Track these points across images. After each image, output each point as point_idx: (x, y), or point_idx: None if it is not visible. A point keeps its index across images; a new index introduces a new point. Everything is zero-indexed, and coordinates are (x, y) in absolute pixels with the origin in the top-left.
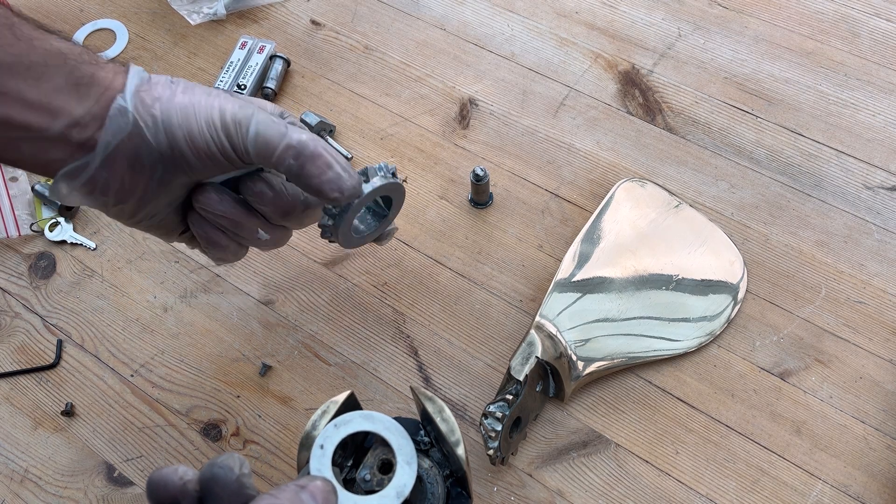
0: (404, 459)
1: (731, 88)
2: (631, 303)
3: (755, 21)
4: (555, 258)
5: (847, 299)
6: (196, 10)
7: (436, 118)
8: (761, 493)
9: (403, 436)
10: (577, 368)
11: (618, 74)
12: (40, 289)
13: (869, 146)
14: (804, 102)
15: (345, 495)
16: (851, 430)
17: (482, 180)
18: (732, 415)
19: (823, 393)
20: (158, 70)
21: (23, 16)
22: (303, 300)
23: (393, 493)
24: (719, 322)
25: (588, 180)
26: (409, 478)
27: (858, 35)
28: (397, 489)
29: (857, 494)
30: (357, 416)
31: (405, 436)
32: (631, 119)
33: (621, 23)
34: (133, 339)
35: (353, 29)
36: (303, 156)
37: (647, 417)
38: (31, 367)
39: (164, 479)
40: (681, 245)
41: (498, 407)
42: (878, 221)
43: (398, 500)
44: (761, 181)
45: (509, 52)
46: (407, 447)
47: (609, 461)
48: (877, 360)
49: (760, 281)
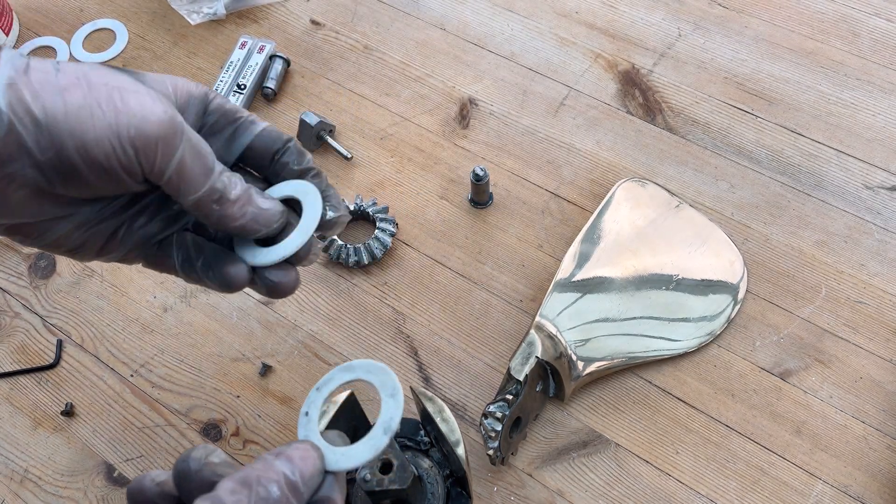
0: (388, 393)
1: (732, 88)
2: (631, 303)
3: (755, 21)
4: (555, 258)
5: (847, 299)
6: (196, 10)
7: (436, 118)
8: (761, 494)
9: (384, 371)
10: (577, 368)
11: (618, 74)
12: (40, 289)
13: (869, 146)
14: (804, 102)
15: (331, 450)
16: (852, 431)
17: (482, 180)
18: (733, 415)
19: (824, 393)
20: (158, 70)
21: None
22: (303, 300)
23: (380, 430)
24: (719, 322)
25: (588, 180)
26: (396, 411)
27: (858, 35)
28: (384, 425)
29: (857, 495)
30: (336, 371)
31: (386, 370)
32: (631, 119)
33: (621, 23)
34: (133, 339)
35: (352, 29)
36: (224, 200)
37: (647, 417)
38: (31, 367)
39: (139, 486)
40: (681, 245)
41: (498, 407)
42: (878, 221)
43: (386, 437)
44: (761, 181)
45: (509, 52)
46: (389, 381)
47: (609, 461)
48: (877, 361)
49: (761, 281)
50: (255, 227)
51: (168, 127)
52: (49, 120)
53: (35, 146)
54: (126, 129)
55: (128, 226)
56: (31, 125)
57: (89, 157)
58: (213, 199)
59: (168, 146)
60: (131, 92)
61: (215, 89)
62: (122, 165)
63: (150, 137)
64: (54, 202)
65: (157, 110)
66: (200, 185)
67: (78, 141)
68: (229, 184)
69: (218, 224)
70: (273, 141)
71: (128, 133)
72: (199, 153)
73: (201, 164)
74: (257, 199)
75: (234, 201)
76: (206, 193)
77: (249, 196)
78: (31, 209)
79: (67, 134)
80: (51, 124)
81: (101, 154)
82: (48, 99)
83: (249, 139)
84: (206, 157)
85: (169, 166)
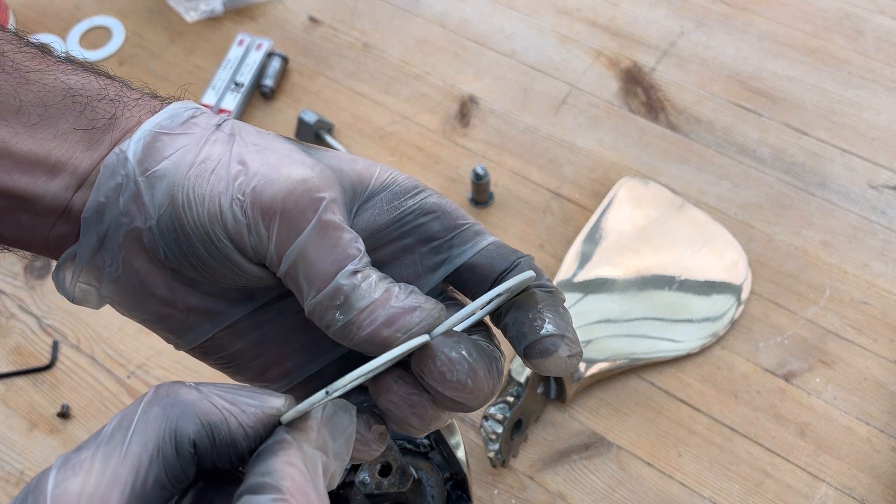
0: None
1: (735, 86)
2: (633, 303)
3: (758, 19)
4: (556, 258)
5: (851, 300)
6: (193, 7)
7: (436, 116)
8: (765, 496)
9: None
10: (578, 370)
11: (620, 72)
12: (36, 289)
13: (873, 145)
14: (808, 101)
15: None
16: (856, 432)
17: (483, 179)
18: (736, 416)
19: (827, 394)
20: (155, 68)
21: (19, 39)
22: None
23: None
24: (723, 323)
25: (590, 179)
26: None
27: (862, 33)
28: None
29: (861, 497)
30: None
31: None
32: (633, 117)
33: (623, 20)
34: (129, 340)
35: (351, 26)
36: (352, 310)
37: (649, 419)
38: (27, 369)
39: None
40: (684, 245)
41: (499, 409)
42: (882, 221)
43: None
44: (765, 180)
45: (510, 50)
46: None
47: (611, 463)
48: (881, 362)
49: (764, 281)
50: (381, 338)
51: (298, 195)
52: (168, 170)
53: (149, 199)
54: (241, 188)
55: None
56: (155, 180)
57: (193, 215)
58: (335, 305)
59: (291, 219)
60: (280, 155)
61: (212, 87)
62: (228, 234)
63: (268, 203)
64: (185, 285)
65: (292, 173)
66: (325, 280)
67: (186, 196)
68: (363, 285)
69: (342, 339)
70: (500, 258)
71: (241, 192)
72: (335, 247)
73: (334, 256)
74: (396, 296)
75: (362, 310)
76: (328, 295)
77: (387, 297)
78: (158, 287)
79: (179, 187)
80: (168, 175)
81: (206, 214)
82: (187, 151)
83: (469, 256)
84: (343, 249)
85: (288, 249)
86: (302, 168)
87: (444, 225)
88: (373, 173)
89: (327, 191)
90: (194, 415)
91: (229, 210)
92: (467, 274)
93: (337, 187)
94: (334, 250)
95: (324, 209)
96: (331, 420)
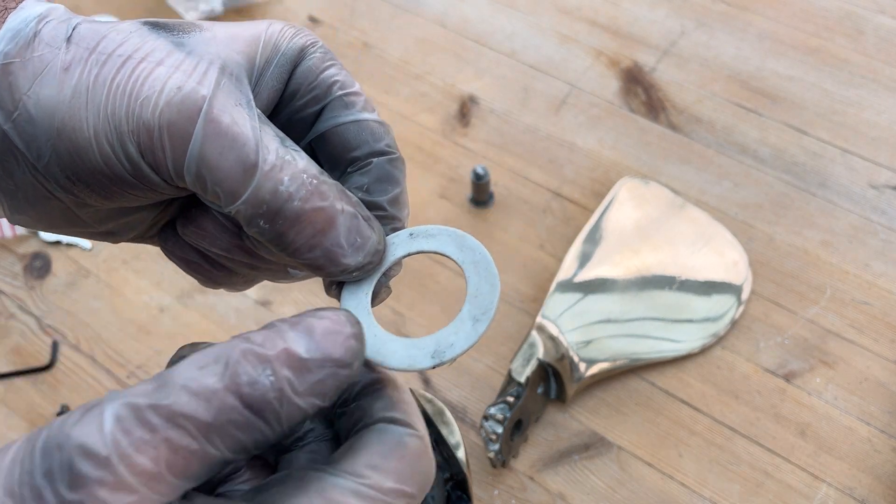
0: (474, 314)
1: (735, 86)
2: (634, 303)
3: (759, 18)
4: (556, 258)
5: (852, 300)
6: (192, 7)
7: (436, 116)
8: (765, 496)
9: (474, 249)
10: (578, 370)
11: (620, 72)
12: (35, 289)
13: (874, 144)
14: (808, 100)
15: (383, 336)
16: (856, 433)
17: (483, 179)
18: (736, 417)
19: (828, 395)
20: None
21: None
22: (300, 300)
23: (468, 318)
24: (723, 323)
25: (590, 179)
26: (492, 295)
27: (863, 32)
28: (474, 313)
29: (862, 497)
30: (403, 236)
31: (478, 247)
32: (633, 117)
33: (624, 19)
34: (129, 341)
35: (351, 25)
36: (279, 217)
37: (650, 420)
38: (26, 369)
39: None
40: (684, 245)
41: (499, 409)
42: (883, 221)
43: (479, 327)
44: (765, 180)
45: (510, 49)
46: (487, 297)
47: (611, 464)
48: (882, 362)
49: (765, 281)
50: (327, 265)
51: (176, 107)
52: (41, 114)
53: (27, 151)
54: (126, 118)
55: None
56: (24, 123)
57: (86, 164)
58: (258, 213)
59: (176, 135)
60: (153, 63)
61: None
62: (129, 171)
63: (150, 125)
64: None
65: (166, 84)
66: (239, 189)
67: (70, 143)
68: (289, 188)
69: (279, 253)
70: (358, 140)
71: (128, 124)
72: (233, 142)
73: (235, 159)
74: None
75: (292, 219)
76: (247, 203)
77: (321, 224)
78: (74, 219)
79: (57, 134)
80: (42, 120)
81: (100, 159)
82: (46, 83)
83: (325, 128)
84: (242, 149)
85: (185, 164)
86: (174, 73)
87: (318, 93)
88: (258, 44)
89: (205, 86)
90: None
91: (120, 146)
92: (322, 149)
93: (217, 77)
94: (233, 147)
95: (208, 107)
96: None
